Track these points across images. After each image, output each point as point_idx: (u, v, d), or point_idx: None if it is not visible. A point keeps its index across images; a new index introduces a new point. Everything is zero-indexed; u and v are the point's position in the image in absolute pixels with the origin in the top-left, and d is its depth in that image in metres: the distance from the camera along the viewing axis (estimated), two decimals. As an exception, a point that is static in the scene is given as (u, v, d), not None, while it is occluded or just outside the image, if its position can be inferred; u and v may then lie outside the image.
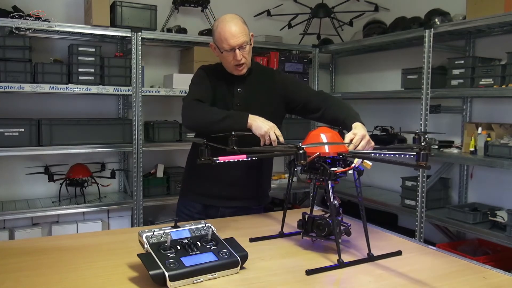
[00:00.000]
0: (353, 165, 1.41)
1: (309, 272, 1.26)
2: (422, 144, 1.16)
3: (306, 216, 1.49)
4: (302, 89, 2.02)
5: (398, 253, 1.46)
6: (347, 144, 1.52)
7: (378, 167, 3.82)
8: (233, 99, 1.91)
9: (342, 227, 1.44)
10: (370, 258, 1.39)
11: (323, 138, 1.45)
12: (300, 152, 1.26)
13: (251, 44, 1.89)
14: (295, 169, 1.51)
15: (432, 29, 2.91)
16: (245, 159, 1.39)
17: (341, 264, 1.32)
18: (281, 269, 1.32)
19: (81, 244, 1.53)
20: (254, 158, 1.42)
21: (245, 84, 1.94)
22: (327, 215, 1.47)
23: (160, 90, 3.29)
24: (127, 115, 3.50)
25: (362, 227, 1.45)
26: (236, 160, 1.38)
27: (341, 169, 1.41)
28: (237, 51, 1.82)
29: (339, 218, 1.46)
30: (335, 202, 1.45)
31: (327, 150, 1.42)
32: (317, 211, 1.89)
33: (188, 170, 2.08)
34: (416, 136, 1.55)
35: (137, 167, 3.17)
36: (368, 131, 1.63)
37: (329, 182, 1.40)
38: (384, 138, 3.31)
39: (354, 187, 1.54)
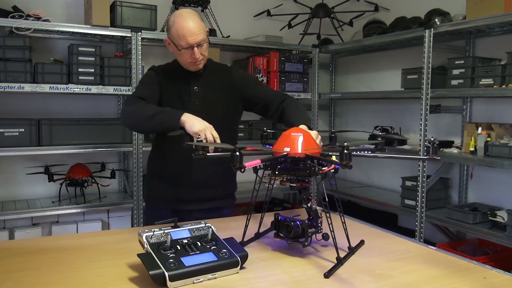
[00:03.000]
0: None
1: (327, 275, 1.26)
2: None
3: (279, 217, 1.47)
4: (263, 88, 2.01)
5: (362, 242, 1.52)
6: None
7: (378, 167, 3.84)
8: (191, 98, 1.87)
9: (312, 229, 1.42)
10: (352, 251, 1.43)
11: (295, 138, 1.41)
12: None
13: (208, 41, 1.85)
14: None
15: (432, 29, 2.91)
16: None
17: (339, 262, 1.32)
18: (281, 269, 1.32)
19: (81, 244, 1.53)
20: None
21: (201, 82, 1.89)
22: (297, 217, 1.45)
23: (160, 90, 3.29)
24: (127, 115, 3.50)
25: (362, 227, 1.45)
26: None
27: (328, 168, 1.39)
28: (196, 49, 1.78)
29: (319, 221, 1.44)
30: (310, 204, 1.44)
31: (299, 151, 1.39)
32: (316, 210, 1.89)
33: (153, 175, 2.01)
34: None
35: (137, 167, 3.17)
36: (368, 132, 1.62)
37: (322, 181, 1.40)
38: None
39: (354, 187, 1.55)
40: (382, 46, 3.67)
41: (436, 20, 2.96)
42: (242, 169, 1.20)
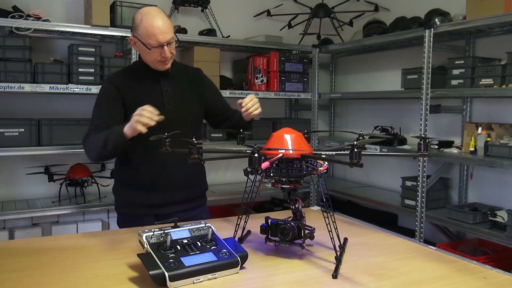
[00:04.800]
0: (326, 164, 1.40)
1: (335, 275, 1.26)
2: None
3: (269, 221, 1.44)
4: (222, 99, 2.08)
5: (345, 240, 1.54)
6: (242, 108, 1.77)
7: (378, 167, 3.83)
8: (163, 99, 1.84)
9: (306, 231, 1.41)
10: (343, 249, 1.44)
11: (287, 139, 1.41)
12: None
13: (177, 39, 1.83)
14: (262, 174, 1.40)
15: (432, 29, 2.91)
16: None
17: (339, 261, 1.32)
18: (281, 269, 1.32)
19: (81, 244, 1.53)
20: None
21: (170, 82, 1.87)
22: (289, 219, 1.45)
23: (160, 90, 3.28)
24: (127, 115, 3.50)
25: (362, 227, 1.45)
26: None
27: (324, 167, 1.39)
28: (166, 47, 1.74)
29: (304, 221, 1.44)
30: (298, 205, 1.44)
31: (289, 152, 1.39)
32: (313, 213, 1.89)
33: (125, 184, 1.93)
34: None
35: (137, 167, 3.16)
36: (367, 133, 1.60)
37: (319, 180, 1.40)
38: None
39: (354, 187, 1.55)
40: (382, 46, 3.66)
41: (436, 20, 2.96)
42: (259, 171, 1.22)
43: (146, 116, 1.51)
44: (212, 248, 1.28)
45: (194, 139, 1.25)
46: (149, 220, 1.77)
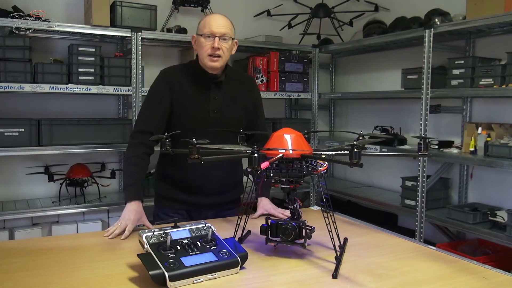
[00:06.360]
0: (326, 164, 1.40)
1: (335, 275, 1.26)
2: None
3: (269, 221, 1.44)
4: (259, 116, 2.06)
5: (345, 240, 1.54)
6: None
7: (378, 167, 3.84)
8: (209, 106, 1.89)
9: (307, 231, 1.41)
10: (343, 249, 1.44)
11: (287, 139, 1.41)
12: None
13: (233, 39, 1.89)
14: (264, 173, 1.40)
15: (432, 29, 2.91)
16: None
17: (339, 261, 1.32)
18: (281, 269, 1.32)
19: (81, 244, 1.53)
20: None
21: (220, 91, 1.92)
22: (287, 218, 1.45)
23: (160, 90, 3.28)
24: (127, 115, 3.50)
25: (362, 227, 1.45)
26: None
27: (324, 167, 1.39)
28: (217, 38, 1.82)
29: (305, 221, 1.43)
30: (296, 205, 1.44)
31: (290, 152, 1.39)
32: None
33: (165, 178, 2.00)
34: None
35: (137, 167, 3.16)
36: (367, 133, 1.59)
37: (319, 180, 1.40)
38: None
39: (354, 187, 1.55)
40: (382, 46, 3.66)
41: (436, 20, 2.96)
42: (259, 171, 1.23)
43: (120, 227, 1.66)
44: (212, 248, 1.28)
45: (194, 139, 1.25)
46: (181, 214, 1.92)
